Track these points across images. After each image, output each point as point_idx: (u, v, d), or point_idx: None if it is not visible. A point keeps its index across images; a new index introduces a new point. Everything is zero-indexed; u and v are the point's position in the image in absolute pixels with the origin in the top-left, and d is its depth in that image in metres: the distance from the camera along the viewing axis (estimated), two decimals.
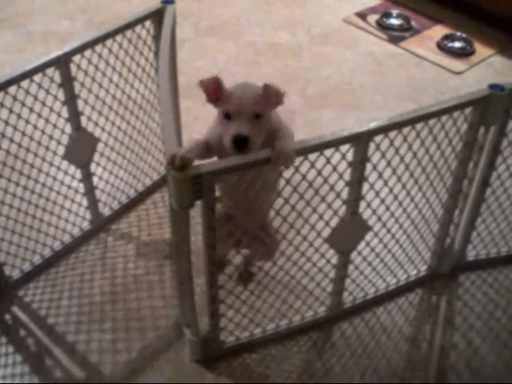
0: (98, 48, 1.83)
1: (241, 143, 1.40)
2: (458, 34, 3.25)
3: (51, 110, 1.80)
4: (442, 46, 3.19)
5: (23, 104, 1.71)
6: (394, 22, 3.38)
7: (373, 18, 3.43)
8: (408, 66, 3.06)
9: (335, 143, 1.44)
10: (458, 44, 3.19)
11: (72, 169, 1.95)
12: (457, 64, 3.07)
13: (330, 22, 3.40)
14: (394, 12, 3.43)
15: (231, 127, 1.42)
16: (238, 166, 1.36)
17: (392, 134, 1.52)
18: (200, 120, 2.60)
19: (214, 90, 1.45)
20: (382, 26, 3.36)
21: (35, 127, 1.77)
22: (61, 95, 1.80)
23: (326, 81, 2.91)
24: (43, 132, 1.81)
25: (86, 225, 2.07)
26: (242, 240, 1.63)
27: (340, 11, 3.51)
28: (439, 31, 3.31)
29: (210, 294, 1.51)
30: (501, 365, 1.73)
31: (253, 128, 1.42)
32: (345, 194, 1.56)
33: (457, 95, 1.62)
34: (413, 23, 3.39)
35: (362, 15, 3.46)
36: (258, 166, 1.39)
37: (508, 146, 1.76)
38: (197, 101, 2.68)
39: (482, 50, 3.18)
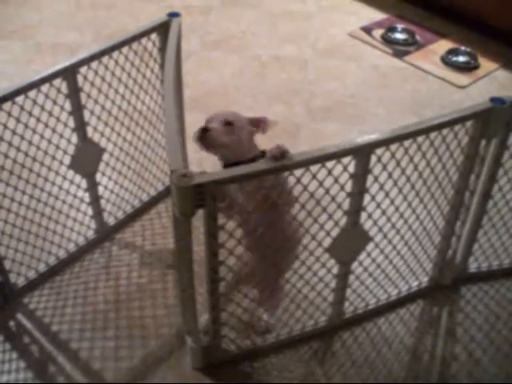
0: (105, 59, 1.86)
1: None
2: (463, 48, 3.27)
3: (58, 119, 1.82)
4: (446, 61, 3.21)
5: (30, 114, 1.73)
6: (399, 36, 3.40)
7: (378, 33, 3.46)
8: (412, 80, 3.08)
9: (337, 155, 1.46)
10: (462, 58, 3.21)
11: (78, 178, 1.97)
12: (461, 78, 3.09)
13: (335, 36, 3.43)
14: (399, 26, 3.46)
15: None
16: (240, 176, 1.38)
17: (393, 147, 1.54)
18: None
19: None
20: (386, 40, 3.39)
21: (42, 137, 1.80)
22: (67, 105, 1.82)
23: (330, 94, 2.94)
24: (50, 141, 1.83)
25: (90, 234, 2.09)
26: None
27: (345, 25, 3.54)
28: (444, 46, 3.34)
29: (211, 301, 1.53)
30: (502, 376, 1.74)
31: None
32: (346, 205, 1.57)
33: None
34: (417, 38, 3.42)
35: (368, 29, 3.50)
36: (261, 177, 1.42)
37: (509, 159, 1.77)
38: (202, 113, 2.74)
39: (486, 64, 3.20)
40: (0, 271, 1.83)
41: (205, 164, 2.41)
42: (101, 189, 2.06)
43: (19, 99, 1.67)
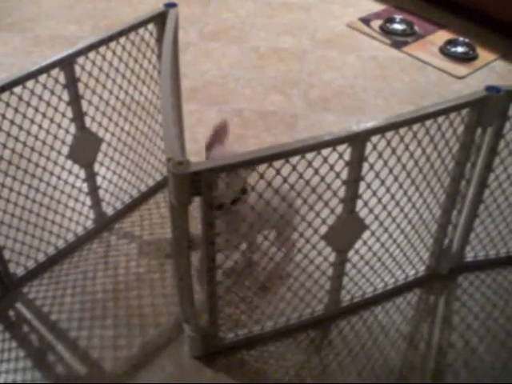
0: (102, 50, 1.86)
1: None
2: (461, 39, 3.27)
3: (56, 110, 1.83)
4: (444, 51, 3.21)
5: (28, 104, 1.74)
6: (398, 27, 3.40)
7: (376, 24, 3.46)
8: (411, 70, 3.08)
9: (332, 143, 1.46)
10: (460, 49, 3.21)
11: (76, 168, 1.98)
12: (459, 69, 3.09)
13: (333, 27, 3.44)
14: (398, 17, 3.46)
15: None
16: (235, 164, 1.39)
17: (389, 135, 1.54)
18: (204, 122, 2.63)
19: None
20: (385, 31, 3.39)
21: (40, 127, 1.80)
22: (65, 96, 1.83)
23: (328, 85, 2.94)
24: (48, 132, 1.84)
25: (89, 224, 2.10)
26: None
27: (344, 16, 3.55)
28: (442, 36, 3.34)
29: (209, 289, 1.54)
30: (498, 365, 1.75)
31: None
32: (342, 193, 1.58)
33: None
34: (416, 28, 3.42)
35: (366, 20, 3.49)
36: (257, 164, 1.43)
37: (505, 148, 1.78)
38: (201, 103, 2.75)
39: (484, 55, 3.20)
40: None
41: (203, 154, 2.42)
42: (99, 179, 2.07)
43: (17, 89, 1.68)
